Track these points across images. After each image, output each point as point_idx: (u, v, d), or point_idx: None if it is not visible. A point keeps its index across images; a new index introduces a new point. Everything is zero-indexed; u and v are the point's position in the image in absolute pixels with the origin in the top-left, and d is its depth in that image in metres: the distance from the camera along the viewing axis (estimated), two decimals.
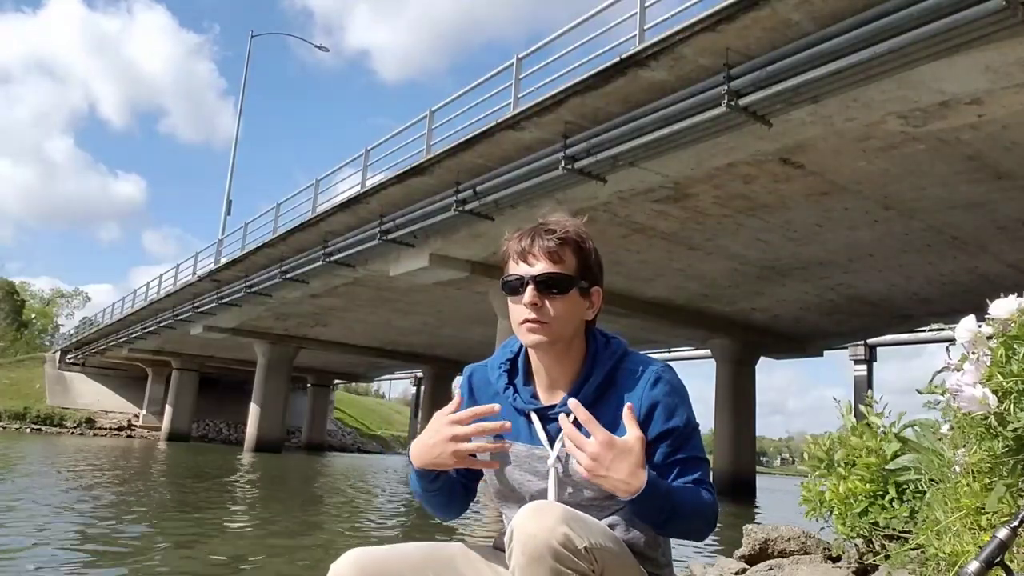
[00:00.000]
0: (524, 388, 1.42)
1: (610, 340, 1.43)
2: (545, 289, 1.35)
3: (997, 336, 1.59)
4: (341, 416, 52.64)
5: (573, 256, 1.37)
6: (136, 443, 32.69)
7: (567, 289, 1.36)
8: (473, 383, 1.49)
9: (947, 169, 9.60)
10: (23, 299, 66.07)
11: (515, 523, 1.16)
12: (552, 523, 1.13)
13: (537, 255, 1.35)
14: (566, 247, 1.36)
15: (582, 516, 1.20)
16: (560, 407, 1.36)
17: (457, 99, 12.80)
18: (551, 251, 1.35)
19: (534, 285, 1.34)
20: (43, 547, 5.43)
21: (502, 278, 1.40)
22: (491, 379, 1.46)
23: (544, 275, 1.34)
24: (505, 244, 1.41)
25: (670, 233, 12.73)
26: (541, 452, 1.36)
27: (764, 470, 72.88)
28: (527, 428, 1.39)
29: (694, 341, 22.00)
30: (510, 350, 1.48)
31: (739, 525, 3.36)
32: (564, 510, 1.17)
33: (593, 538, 1.16)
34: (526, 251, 1.36)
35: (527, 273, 1.35)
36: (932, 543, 1.76)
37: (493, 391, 1.45)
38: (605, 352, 1.40)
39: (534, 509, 1.17)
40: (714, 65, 8.27)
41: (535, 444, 1.37)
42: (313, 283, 18.93)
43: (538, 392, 1.42)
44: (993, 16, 6.38)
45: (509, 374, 1.44)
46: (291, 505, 10.39)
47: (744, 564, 2.97)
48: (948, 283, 14.46)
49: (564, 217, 1.41)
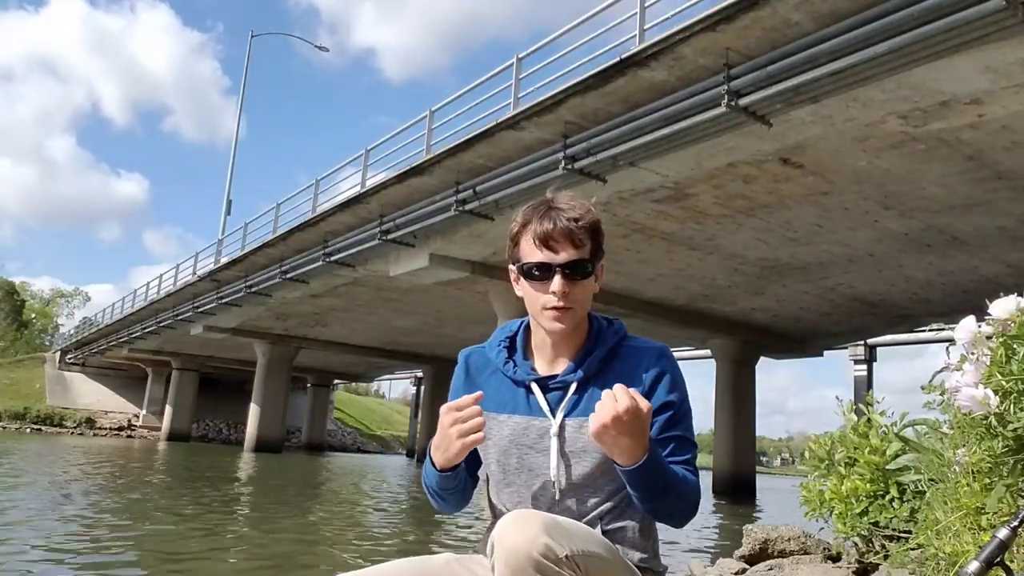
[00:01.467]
0: (523, 362, 1.43)
1: (612, 321, 1.46)
2: (570, 276, 1.35)
3: (997, 336, 1.59)
4: (341, 416, 52.65)
5: (590, 239, 1.37)
6: (136, 443, 32.69)
7: (589, 274, 1.38)
8: (470, 364, 1.49)
9: (947, 169, 9.60)
10: (23, 299, 66.05)
11: (496, 534, 1.15)
12: (533, 533, 1.12)
13: (561, 240, 1.35)
14: (586, 232, 1.37)
15: (564, 523, 1.19)
16: (563, 376, 1.38)
17: (457, 99, 12.82)
18: (575, 237, 1.35)
19: (561, 274, 1.35)
20: (40, 551, 5.43)
21: (522, 261, 1.38)
22: (490, 356, 1.47)
23: (571, 262, 1.35)
24: (518, 223, 1.40)
25: (670, 233, 12.73)
26: (542, 422, 1.37)
27: (764, 470, 72.86)
28: (526, 400, 1.40)
29: (694, 341, 22.00)
30: (509, 329, 1.50)
31: (739, 525, 3.36)
32: (544, 519, 1.15)
33: (575, 545, 1.15)
34: (549, 235, 1.35)
35: (554, 261, 1.35)
36: (932, 543, 1.76)
37: (492, 368, 1.46)
38: (609, 329, 1.43)
39: (515, 519, 1.16)
40: (714, 65, 8.27)
41: (536, 415, 1.38)
42: (313, 283, 18.93)
43: (537, 366, 1.43)
44: (993, 16, 6.38)
45: (508, 350, 1.46)
46: (291, 507, 10.38)
47: (744, 564, 2.98)
48: (948, 283, 14.47)
49: (574, 197, 1.40)
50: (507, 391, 1.41)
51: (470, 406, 1.29)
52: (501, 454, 1.39)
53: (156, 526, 7.19)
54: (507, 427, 1.39)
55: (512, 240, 1.41)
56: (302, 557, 5.83)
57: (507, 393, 1.41)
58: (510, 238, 1.42)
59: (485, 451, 1.42)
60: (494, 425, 1.39)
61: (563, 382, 1.38)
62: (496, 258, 14.49)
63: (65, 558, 5.09)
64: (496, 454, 1.40)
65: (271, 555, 5.90)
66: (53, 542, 5.66)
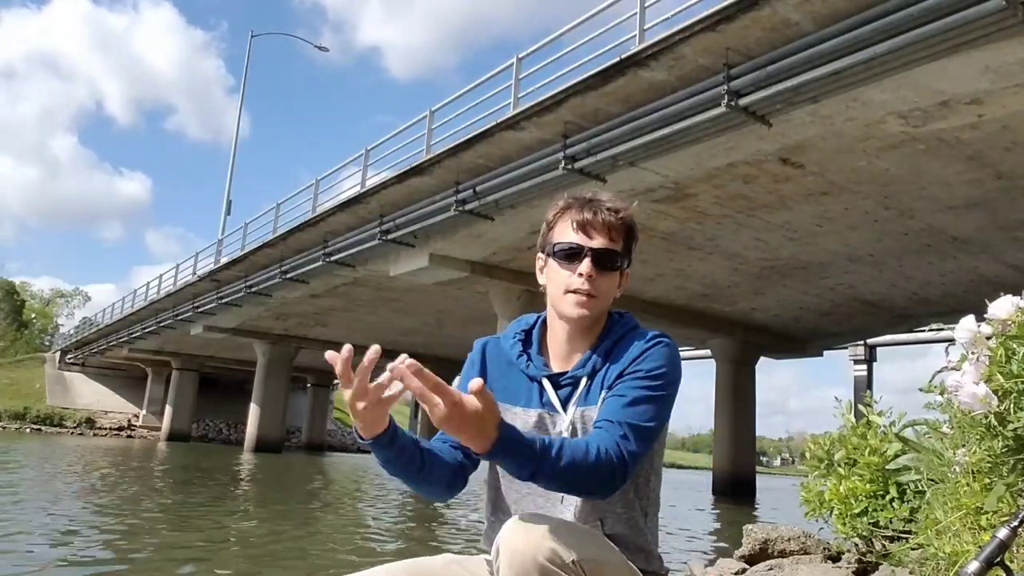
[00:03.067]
0: (537, 357, 1.43)
1: (623, 315, 1.46)
2: (599, 264, 1.37)
3: (996, 336, 1.59)
4: (341, 416, 52.57)
5: (623, 237, 1.40)
6: (136, 443, 32.69)
7: (617, 268, 1.39)
8: (487, 353, 1.49)
9: (947, 169, 9.60)
10: (23, 299, 66.05)
11: (501, 539, 1.15)
12: (538, 538, 1.12)
13: (598, 229, 1.37)
14: (623, 227, 1.39)
15: (571, 527, 1.18)
16: (572, 372, 1.39)
17: (457, 99, 12.82)
18: (612, 228, 1.37)
19: (592, 258, 1.36)
20: (40, 552, 5.43)
21: (555, 242, 1.40)
22: (505, 348, 1.47)
23: (603, 250, 1.37)
24: (555, 208, 1.42)
25: (670, 233, 12.73)
26: (554, 417, 1.38)
27: (764, 470, 72.85)
28: (539, 395, 1.40)
29: (694, 341, 21.98)
30: (525, 323, 1.50)
31: (739, 525, 3.36)
32: (551, 523, 1.15)
33: (581, 550, 1.14)
34: (588, 222, 1.37)
35: (587, 244, 1.37)
36: (932, 543, 1.76)
37: (506, 360, 1.46)
38: (618, 323, 1.43)
39: (520, 524, 1.15)
40: (714, 65, 8.27)
41: (548, 409, 1.38)
42: (313, 283, 18.93)
43: (550, 361, 1.43)
44: (993, 16, 6.38)
45: (523, 344, 1.46)
46: (291, 507, 10.38)
47: (744, 564, 2.98)
48: (948, 283, 14.47)
49: (617, 196, 1.43)
50: (522, 384, 1.42)
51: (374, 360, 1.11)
52: None
53: (156, 526, 7.19)
54: (519, 420, 1.39)
55: (548, 224, 1.43)
56: (302, 557, 5.83)
57: (522, 386, 1.42)
58: (546, 223, 1.44)
59: None
60: (508, 416, 1.36)
61: (573, 377, 1.39)
62: (496, 258, 14.49)
63: (65, 558, 5.09)
64: None
65: (271, 555, 5.90)
66: (53, 542, 5.66)
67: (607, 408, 1.30)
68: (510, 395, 1.41)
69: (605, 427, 1.27)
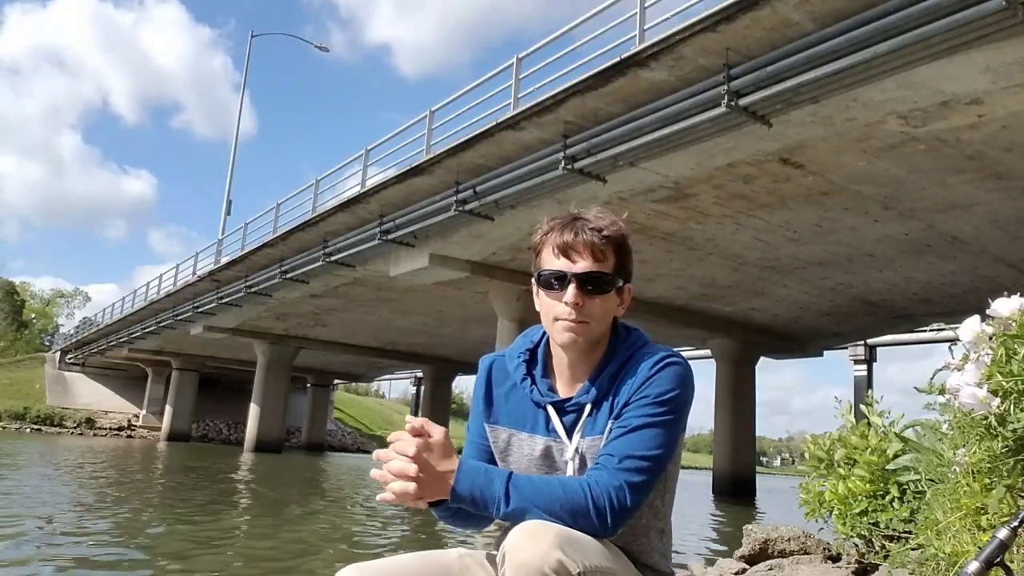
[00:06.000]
0: (542, 380, 1.38)
1: (631, 331, 1.39)
2: (586, 288, 1.30)
3: (997, 336, 1.59)
4: (341, 416, 52.64)
5: (613, 254, 1.32)
6: (136, 443, 32.69)
7: (607, 289, 1.32)
8: (492, 375, 1.44)
9: (947, 169, 9.60)
10: (23, 299, 66.05)
11: (507, 547, 1.13)
12: (545, 548, 1.10)
13: (581, 251, 1.30)
14: (609, 245, 1.32)
15: (577, 537, 1.15)
16: (577, 398, 1.34)
17: (457, 99, 12.81)
18: (595, 248, 1.30)
19: (576, 284, 1.29)
20: (40, 550, 5.42)
21: (538, 269, 1.34)
22: (509, 369, 1.42)
23: (587, 274, 1.30)
24: (540, 232, 1.35)
25: (670, 233, 12.73)
26: (559, 444, 1.34)
27: (764, 470, 72.88)
28: (544, 421, 1.36)
29: (694, 341, 21.99)
30: (530, 340, 1.44)
31: (739, 525, 3.36)
32: (557, 533, 1.13)
33: (588, 560, 1.13)
34: (568, 245, 1.30)
35: (570, 270, 1.30)
36: (932, 543, 1.76)
37: (511, 382, 1.41)
38: (625, 343, 1.37)
39: (527, 533, 1.13)
40: (714, 65, 8.27)
41: (553, 437, 1.35)
42: (313, 283, 18.93)
43: (556, 385, 1.38)
44: (993, 16, 6.38)
45: (528, 364, 1.40)
46: (291, 507, 10.38)
47: (744, 564, 2.97)
48: (948, 283, 14.46)
49: (603, 211, 1.35)
50: (528, 408, 1.37)
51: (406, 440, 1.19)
52: (521, 472, 1.36)
53: (156, 526, 7.19)
54: (526, 447, 1.36)
55: (534, 250, 1.36)
56: (302, 556, 5.83)
57: (528, 411, 1.37)
58: (532, 248, 1.37)
59: (506, 466, 1.38)
60: (515, 442, 1.37)
61: (578, 404, 1.34)
62: (496, 258, 14.49)
63: (66, 556, 5.09)
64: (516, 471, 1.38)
65: (271, 555, 5.89)
66: (52, 541, 5.66)
67: (611, 443, 1.26)
68: (516, 420, 1.38)
69: (604, 463, 1.24)
